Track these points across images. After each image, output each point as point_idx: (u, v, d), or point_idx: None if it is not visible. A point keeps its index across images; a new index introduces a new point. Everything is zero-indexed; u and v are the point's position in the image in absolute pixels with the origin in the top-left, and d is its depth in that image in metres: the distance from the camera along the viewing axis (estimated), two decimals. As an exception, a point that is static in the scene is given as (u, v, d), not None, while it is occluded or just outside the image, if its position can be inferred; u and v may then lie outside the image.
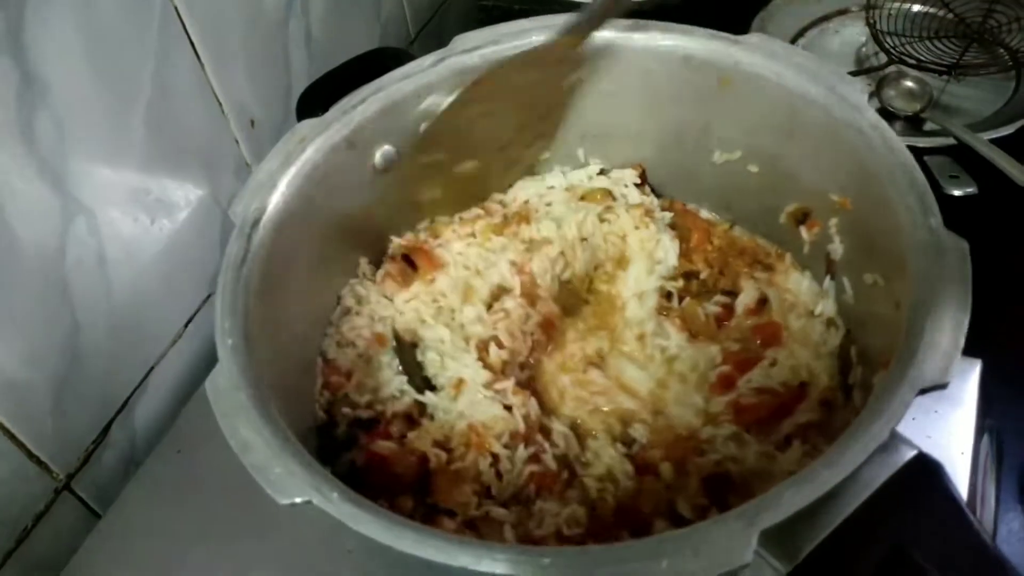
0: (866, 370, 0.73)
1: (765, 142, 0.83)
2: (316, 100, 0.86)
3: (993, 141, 1.16)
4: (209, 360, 0.66)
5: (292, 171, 0.77)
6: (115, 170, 0.93)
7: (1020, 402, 1.02)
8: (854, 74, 1.39)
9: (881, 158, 0.69)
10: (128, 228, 0.96)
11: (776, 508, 0.50)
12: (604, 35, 0.83)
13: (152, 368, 1.05)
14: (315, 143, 0.79)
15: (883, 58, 1.38)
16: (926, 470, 0.55)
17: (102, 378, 0.96)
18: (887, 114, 1.31)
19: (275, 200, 0.75)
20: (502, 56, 0.84)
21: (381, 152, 0.86)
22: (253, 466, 0.57)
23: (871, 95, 1.36)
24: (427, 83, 0.84)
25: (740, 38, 0.81)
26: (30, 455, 0.87)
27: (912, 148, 1.16)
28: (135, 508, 0.92)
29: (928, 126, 1.29)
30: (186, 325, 1.09)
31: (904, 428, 0.55)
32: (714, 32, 0.82)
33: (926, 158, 1.19)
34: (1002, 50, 1.37)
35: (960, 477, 0.80)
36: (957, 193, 1.12)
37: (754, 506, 0.51)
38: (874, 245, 0.71)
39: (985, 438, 0.90)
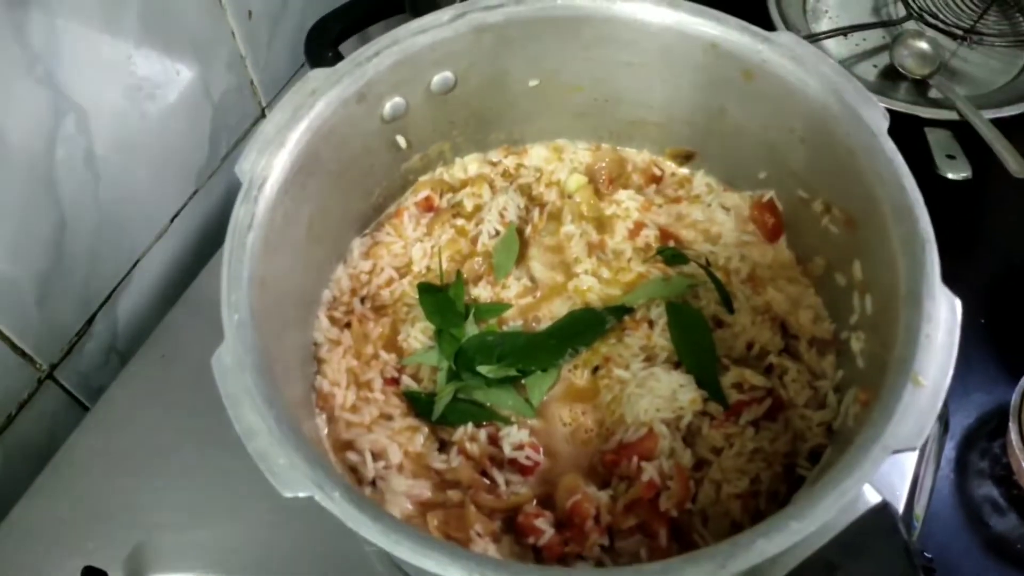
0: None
1: (778, 140, 0.82)
2: (325, 36, 0.82)
3: (996, 121, 1.16)
4: (194, 256, 0.66)
5: (302, 126, 0.75)
6: (107, 65, 0.90)
7: (966, 375, 1.08)
8: (870, 26, 1.35)
9: (890, 193, 0.69)
10: (118, 124, 0.95)
11: (746, 555, 0.54)
12: (632, 7, 0.80)
13: (137, 262, 1.06)
14: (326, 97, 0.76)
15: (901, 11, 1.34)
16: (884, 517, 0.60)
17: (87, 272, 0.98)
18: (896, 73, 1.30)
19: (283, 159, 0.73)
20: (523, 15, 0.81)
21: (391, 103, 0.83)
22: (257, 453, 0.59)
23: (883, 48, 1.34)
24: (444, 38, 0.81)
25: (770, 35, 0.78)
26: (13, 347, 0.90)
27: (914, 118, 1.20)
28: (120, 408, 0.95)
29: (933, 93, 1.28)
30: (172, 220, 1.10)
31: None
32: (745, 24, 0.79)
33: (926, 130, 1.19)
34: (1021, 17, 1.34)
35: (908, 464, 0.86)
36: (951, 176, 1.12)
37: (725, 549, 0.55)
38: (872, 274, 0.73)
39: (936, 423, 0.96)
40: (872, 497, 0.60)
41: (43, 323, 0.93)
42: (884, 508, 0.58)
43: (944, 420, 1.01)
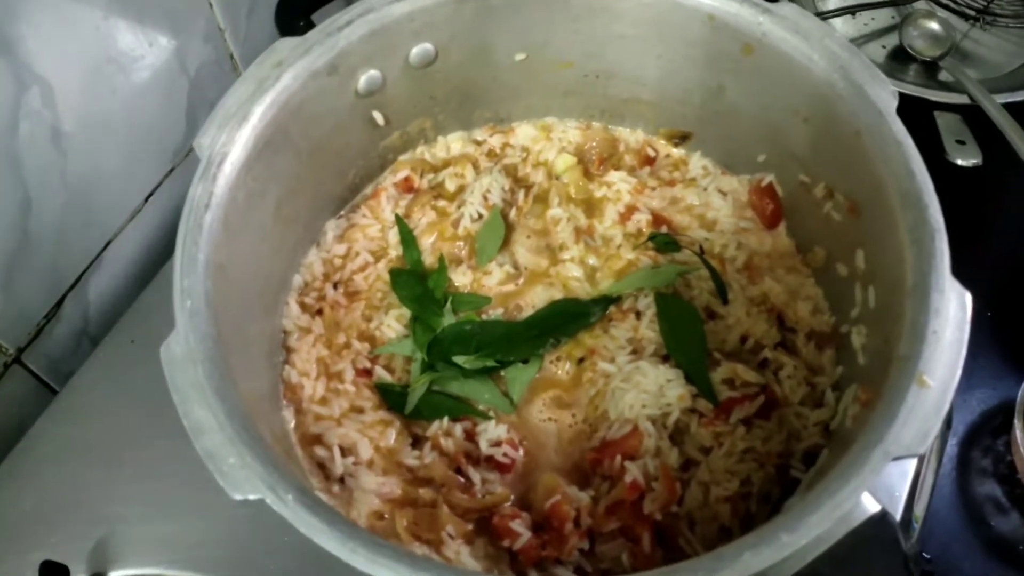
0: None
1: (779, 120, 0.77)
2: (297, 3, 0.77)
3: (1008, 106, 1.11)
4: (170, 237, 0.62)
5: (267, 100, 0.70)
6: (74, 35, 0.86)
7: (971, 369, 1.04)
8: (880, 5, 1.30)
9: (897, 178, 0.64)
10: (86, 99, 0.90)
11: (731, 569, 0.50)
12: (625, -24, 0.76)
13: (109, 243, 1.01)
14: (293, 68, 0.72)
15: (912, -12, 1.29)
16: (883, 528, 0.55)
17: (55, 253, 0.93)
18: (905, 55, 1.25)
19: (245, 134, 0.69)
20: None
21: (366, 77, 0.79)
22: (205, 452, 0.55)
23: (892, 29, 1.29)
24: (422, 7, 0.77)
25: (772, 6, 0.73)
26: (-24, 332, 0.84)
27: (923, 101, 1.15)
28: (87, 395, 0.91)
29: (943, 76, 1.22)
30: (146, 199, 1.05)
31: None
32: (746, -8, 0.74)
33: (936, 114, 1.14)
34: (1037, -2, 1.28)
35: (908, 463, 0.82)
36: (960, 162, 1.07)
37: (708, 564, 0.51)
38: (876, 264, 0.68)
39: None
40: (870, 506, 0.55)
41: (9, 306, 0.89)
42: (883, 518, 0.54)
43: (947, 416, 0.98)
